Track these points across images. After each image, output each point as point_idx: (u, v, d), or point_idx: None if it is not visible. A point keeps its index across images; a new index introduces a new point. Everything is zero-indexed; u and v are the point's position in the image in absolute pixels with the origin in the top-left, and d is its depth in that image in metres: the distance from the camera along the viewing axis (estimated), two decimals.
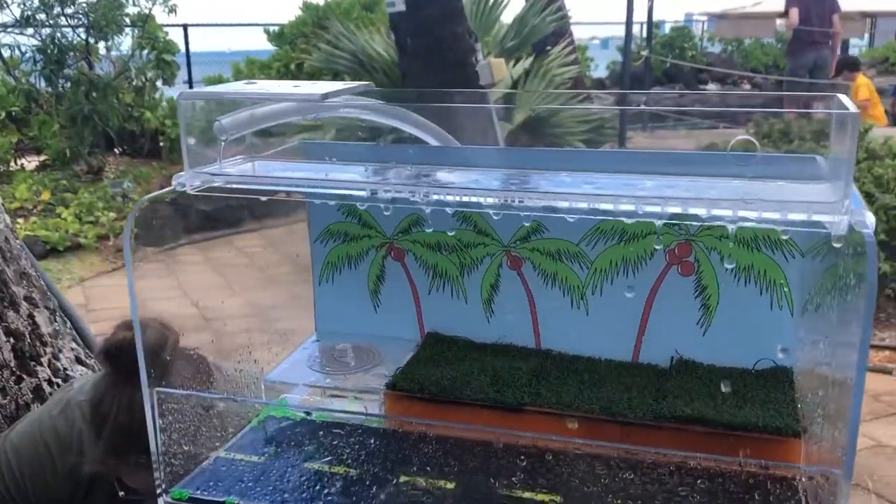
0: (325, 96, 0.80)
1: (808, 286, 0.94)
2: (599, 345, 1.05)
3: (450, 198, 0.77)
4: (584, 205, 0.73)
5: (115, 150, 7.88)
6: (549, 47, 6.91)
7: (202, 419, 0.92)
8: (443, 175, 0.83)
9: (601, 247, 1.02)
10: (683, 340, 1.02)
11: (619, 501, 0.82)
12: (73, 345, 2.41)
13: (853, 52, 13.87)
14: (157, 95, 8.13)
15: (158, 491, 0.85)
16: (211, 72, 9.13)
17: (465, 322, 1.10)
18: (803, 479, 0.77)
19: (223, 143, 0.84)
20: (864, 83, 7.03)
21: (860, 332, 0.62)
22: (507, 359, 1.05)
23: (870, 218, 0.65)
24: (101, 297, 5.65)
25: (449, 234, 1.07)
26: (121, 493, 1.31)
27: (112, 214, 6.55)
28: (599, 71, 12.47)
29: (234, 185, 0.84)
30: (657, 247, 0.96)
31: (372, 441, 0.94)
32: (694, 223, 0.95)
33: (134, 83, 7.84)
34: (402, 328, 1.13)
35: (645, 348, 1.04)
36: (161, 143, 7.92)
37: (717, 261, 0.98)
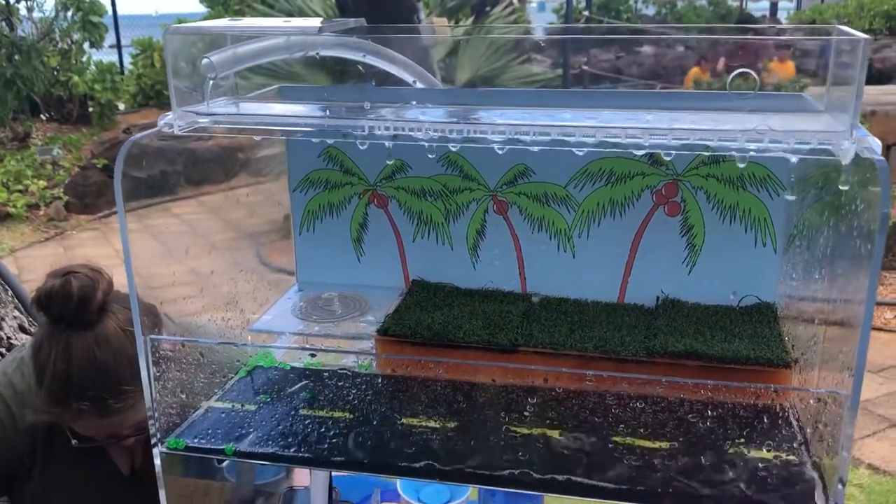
0: (321, 30, 0.77)
1: (792, 222, 0.96)
2: (585, 287, 1.06)
3: (453, 134, 0.75)
4: (592, 137, 0.72)
5: (42, 115, 7.59)
6: (488, 8, 6.88)
7: (189, 368, 0.90)
8: (443, 112, 0.82)
9: (588, 189, 1.02)
10: (669, 280, 1.03)
11: (621, 432, 0.83)
12: (17, 313, 2.34)
13: (781, 14, 14.19)
14: (84, 59, 7.83)
15: (153, 441, 0.82)
16: (140, 34, 8.81)
17: (450, 269, 1.09)
18: (810, 402, 0.79)
19: (211, 82, 0.81)
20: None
21: (871, 257, 0.64)
22: (496, 303, 1.04)
23: (876, 144, 0.67)
24: (34, 267, 5.46)
25: (430, 176, 1.05)
26: (74, 442, 1.28)
27: (42, 183, 6.32)
28: (536, 33, 12.47)
29: (224, 125, 0.81)
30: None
31: (365, 386, 0.93)
32: (684, 158, 0.96)
33: (59, 46, 7.53)
34: (386, 277, 1.11)
35: (631, 289, 1.05)
36: (90, 109, 7.65)
37: (704, 200, 0.99)
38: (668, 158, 0.70)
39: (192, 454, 0.82)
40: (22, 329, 2.29)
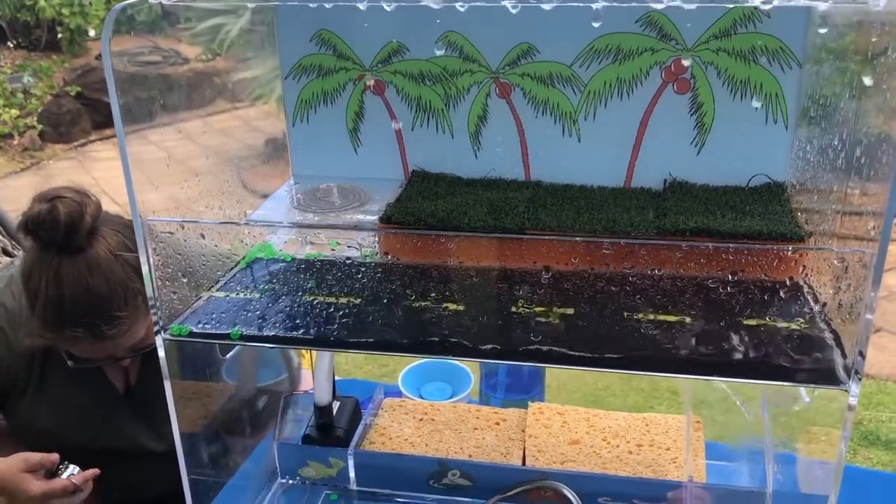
0: None
1: (806, 95, 0.93)
2: (591, 172, 1.03)
3: None
4: None
5: (9, 43, 7.33)
6: None
7: (188, 259, 0.87)
8: None
9: (595, 67, 0.98)
10: (677, 162, 1.01)
11: (634, 307, 0.82)
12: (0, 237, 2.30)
13: None
14: None
15: (156, 328, 0.80)
16: None
17: (451, 158, 1.06)
18: (834, 263, 0.77)
19: None
20: None
21: None
22: (499, 191, 1.02)
23: None
24: (12, 198, 5.36)
25: (428, 59, 1.00)
26: (70, 363, 1.26)
27: (14, 112, 6.15)
28: None
29: None
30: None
31: (370, 273, 0.91)
32: (694, 31, 0.93)
33: None
34: (384, 168, 1.08)
35: (637, 173, 1.02)
36: (59, 35, 7.39)
37: (714, 76, 0.96)
38: (689, 8, 0.66)
39: (196, 340, 0.80)
40: (5, 252, 2.25)
